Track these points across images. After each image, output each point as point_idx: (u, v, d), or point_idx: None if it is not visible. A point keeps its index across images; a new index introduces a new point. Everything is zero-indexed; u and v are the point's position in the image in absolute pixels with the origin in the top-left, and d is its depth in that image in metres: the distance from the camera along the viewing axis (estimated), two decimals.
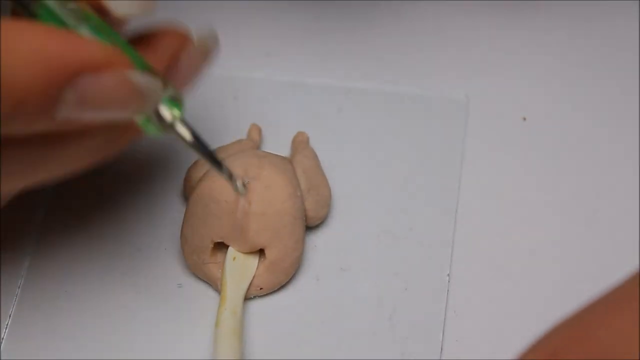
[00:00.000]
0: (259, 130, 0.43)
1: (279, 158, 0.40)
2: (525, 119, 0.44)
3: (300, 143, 0.43)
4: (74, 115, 0.30)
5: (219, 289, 0.39)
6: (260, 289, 0.39)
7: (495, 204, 0.42)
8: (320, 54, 0.46)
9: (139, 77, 0.31)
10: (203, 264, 0.39)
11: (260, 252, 0.39)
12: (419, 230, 0.41)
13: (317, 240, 0.41)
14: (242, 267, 0.39)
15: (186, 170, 0.41)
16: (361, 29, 0.47)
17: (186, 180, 0.41)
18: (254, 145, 0.42)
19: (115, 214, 0.41)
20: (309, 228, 0.41)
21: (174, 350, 0.38)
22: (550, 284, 0.40)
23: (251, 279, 0.39)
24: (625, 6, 0.47)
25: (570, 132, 0.44)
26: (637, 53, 0.45)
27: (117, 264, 0.40)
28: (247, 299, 0.39)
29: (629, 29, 0.46)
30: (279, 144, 0.43)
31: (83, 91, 0.30)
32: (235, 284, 0.38)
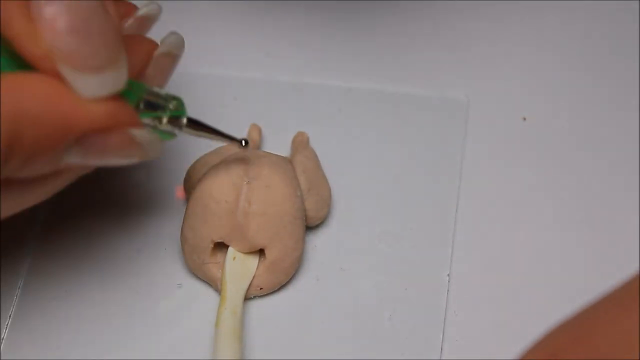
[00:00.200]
0: (259, 130, 0.43)
1: (279, 158, 0.40)
2: (525, 119, 0.44)
3: (300, 143, 0.42)
4: (77, 162, 0.32)
5: (219, 289, 0.39)
6: (260, 289, 0.39)
7: (495, 204, 0.42)
8: (320, 54, 0.46)
9: (141, 134, 0.33)
10: (203, 264, 0.39)
11: (260, 252, 0.39)
12: (419, 230, 0.41)
13: (317, 240, 0.41)
14: (242, 267, 0.39)
15: (186, 171, 0.41)
16: (361, 29, 0.47)
17: (186, 181, 0.41)
18: (254, 145, 0.42)
19: (115, 214, 0.41)
20: (309, 228, 0.41)
21: (174, 350, 0.38)
22: (550, 284, 0.40)
23: (251, 279, 0.39)
24: (625, 6, 0.47)
25: (570, 132, 0.44)
26: (637, 53, 0.45)
27: (117, 264, 0.40)
28: (247, 299, 0.39)
29: (629, 29, 0.46)
30: (279, 144, 0.43)
31: (88, 146, 0.32)
32: (235, 284, 0.38)
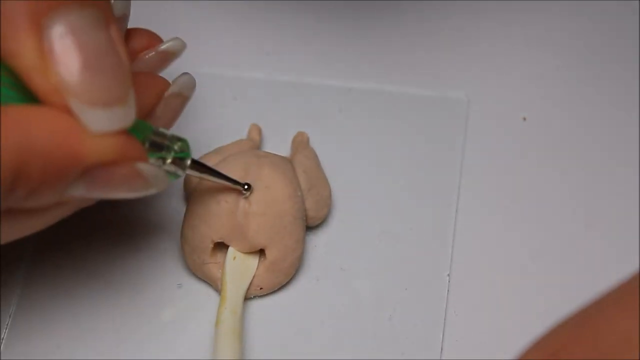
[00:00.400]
0: (259, 130, 0.43)
1: (279, 158, 0.40)
2: (525, 119, 0.44)
3: (301, 143, 0.42)
4: (81, 195, 0.32)
5: (219, 289, 0.39)
6: (260, 288, 0.39)
7: (495, 204, 0.42)
8: (320, 54, 0.46)
9: (147, 168, 0.33)
10: (203, 264, 0.39)
11: (261, 252, 0.39)
12: (419, 230, 0.41)
13: (317, 240, 0.41)
14: (242, 267, 0.39)
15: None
16: (361, 29, 0.47)
17: (186, 180, 0.41)
18: (254, 145, 0.42)
19: (115, 214, 0.41)
20: (309, 228, 0.41)
21: (174, 350, 0.38)
22: (550, 284, 0.40)
23: (251, 279, 0.39)
24: (625, 6, 0.47)
25: (570, 132, 0.44)
26: (637, 53, 0.45)
27: (117, 264, 0.40)
28: (247, 298, 0.39)
29: (629, 29, 0.46)
30: (279, 144, 0.43)
31: (94, 179, 0.32)
32: (235, 283, 0.38)
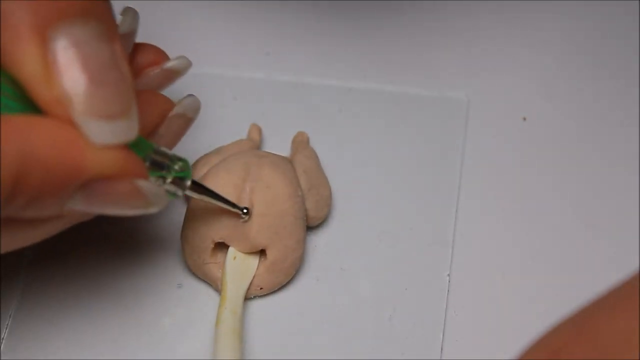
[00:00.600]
0: (259, 130, 0.43)
1: (279, 158, 0.40)
2: (525, 119, 0.44)
3: (301, 143, 0.42)
4: (79, 208, 0.32)
5: (219, 289, 0.39)
6: (261, 288, 0.39)
7: (495, 204, 0.42)
8: (320, 54, 0.46)
9: (147, 186, 0.33)
10: (203, 264, 0.39)
11: (261, 252, 0.39)
12: (419, 230, 0.41)
13: (318, 240, 0.41)
14: (243, 267, 0.39)
15: None
16: (361, 29, 0.47)
17: None
18: (254, 145, 0.42)
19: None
20: (310, 228, 0.41)
21: (174, 350, 0.38)
22: (551, 284, 0.40)
23: (251, 279, 0.39)
24: (625, 6, 0.47)
25: (570, 132, 0.44)
26: (637, 53, 0.45)
27: (117, 264, 0.40)
28: (247, 298, 0.39)
29: (629, 29, 0.46)
30: (279, 144, 0.43)
31: (93, 193, 0.32)
32: (235, 283, 0.38)
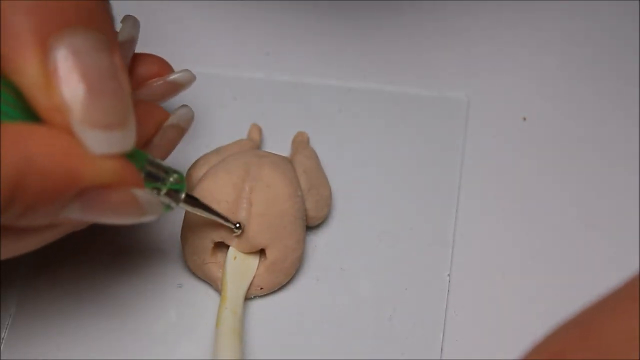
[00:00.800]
0: (259, 130, 0.43)
1: (279, 158, 0.40)
2: (525, 119, 0.44)
3: (301, 143, 0.42)
4: (75, 217, 0.32)
5: (219, 289, 0.39)
6: (261, 288, 0.39)
7: (495, 204, 0.42)
8: (320, 54, 0.46)
9: (143, 194, 0.33)
10: (203, 264, 0.39)
11: (261, 252, 0.39)
12: (419, 230, 0.41)
13: (317, 240, 0.41)
14: (243, 267, 0.39)
15: (186, 171, 0.41)
16: (361, 29, 0.47)
17: (187, 179, 0.41)
18: (254, 145, 0.42)
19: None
20: (309, 228, 0.41)
21: (174, 350, 0.38)
22: (551, 284, 0.40)
23: (252, 279, 0.39)
24: (625, 6, 0.47)
25: (570, 132, 0.44)
26: (637, 53, 0.45)
27: (117, 264, 0.40)
28: (248, 298, 0.39)
29: (629, 29, 0.46)
30: (279, 144, 0.43)
31: (89, 201, 0.32)
32: (235, 283, 0.38)
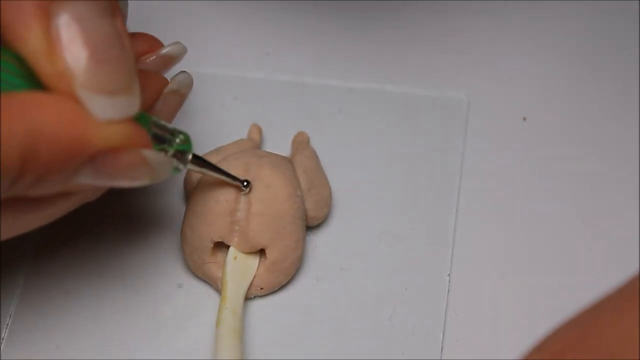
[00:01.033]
0: (259, 130, 0.43)
1: (279, 158, 0.40)
2: (525, 119, 0.44)
3: (301, 143, 0.42)
4: (87, 182, 0.32)
5: (219, 289, 0.39)
6: (261, 288, 0.39)
7: (495, 204, 0.42)
8: (320, 54, 0.46)
9: (152, 155, 0.33)
10: (203, 264, 0.39)
11: (261, 252, 0.39)
12: (419, 230, 0.41)
13: (317, 240, 0.41)
14: (243, 267, 0.39)
15: (186, 171, 0.41)
16: (361, 29, 0.47)
17: (186, 180, 0.41)
18: (254, 145, 0.42)
19: (114, 214, 0.41)
20: (309, 228, 0.41)
21: (174, 350, 0.38)
22: (551, 283, 0.40)
23: (252, 279, 0.39)
24: (625, 6, 0.47)
25: (570, 132, 0.44)
26: (637, 53, 0.45)
27: (117, 263, 0.40)
28: (248, 298, 0.39)
29: (629, 29, 0.46)
30: (279, 144, 0.43)
31: (100, 165, 0.32)
32: (235, 283, 0.38)
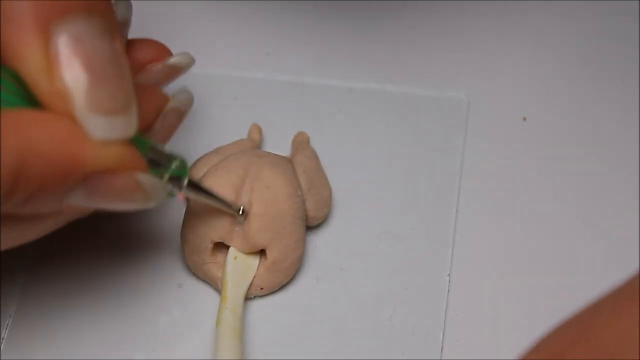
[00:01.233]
0: (259, 130, 0.43)
1: (279, 158, 0.40)
2: (525, 119, 0.44)
3: (301, 143, 0.42)
4: (79, 204, 0.32)
5: (219, 289, 0.39)
6: (261, 288, 0.39)
7: (495, 204, 0.42)
8: (320, 54, 0.46)
9: (147, 179, 0.33)
10: (203, 264, 0.39)
11: (261, 252, 0.39)
12: (419, 230, 0.41)
13: (317, 240, 0.41)
14: (243, 267, 0.39)
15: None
16: (361, 29, 0.47)
17: None
18: (254, 145, 0.42)
19: (114, 214, 0.41)
20: (309, 228, 0.41)
21: (174, 350, 0.38)
22: (551, 284, 0.40)
23: (252, 279, 0.39)
24: (625, 6, 0.47)
25: (570, 132, 0.44)
26: (637, 53, 0.45)
27: (117, 264, 0.40)
28: (248, 298, 0.39)
29: (629, 29, 0.46)
30: (279, 144, 0.43)
31: (92, 187, 0.32)
32: (235, 283, 0.38)
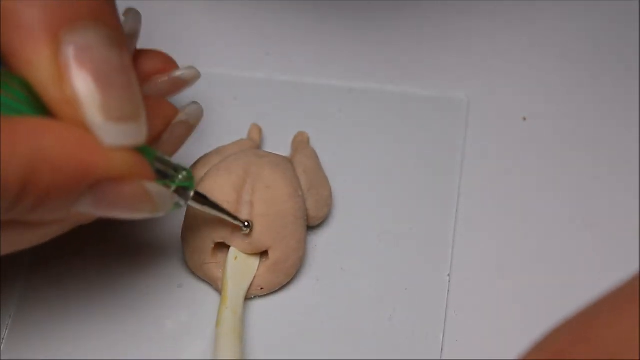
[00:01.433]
0: (259, 130, 0.43)
1: (279, 158, 0.40)
2: (525, 119, 0.44)
3: (301, 143, 0.42)
4: (87, 211, 0.32)
5: (219, 289, 0.39)
6: (261, 289, 0.39)
7: (495, 204, 0.42)
8: (320, 54, 0.46)
9: (155, 188, 0.33)
10: (204, 264, 0.39)
11: (262, 252, 0.39)
12: (419, 230, 0.41)
13: (318, 240, 0.41)
14: (244, 267, 0.39)
15: None
16: (361, 29, 0.47)
17: None
18: (254, 145, 0.42)
19: None
20: (310, 228, 0.40)
21: (174, 350, 0.38)
22: (551, 284, 0.40)
23: (252, 279, 0.39)
24: (625, 6, 0.47)
25: (570, 132, 0.44)
26: (637, 53, 0.45)
27: (117, 264, 0.40)
28: (248, 298, 0.39)
29: (629, 29, 0.46)
30: (279, 144, 0.43)
31: (101, 195, 0.32)
32: (236, 283, 0.38)
